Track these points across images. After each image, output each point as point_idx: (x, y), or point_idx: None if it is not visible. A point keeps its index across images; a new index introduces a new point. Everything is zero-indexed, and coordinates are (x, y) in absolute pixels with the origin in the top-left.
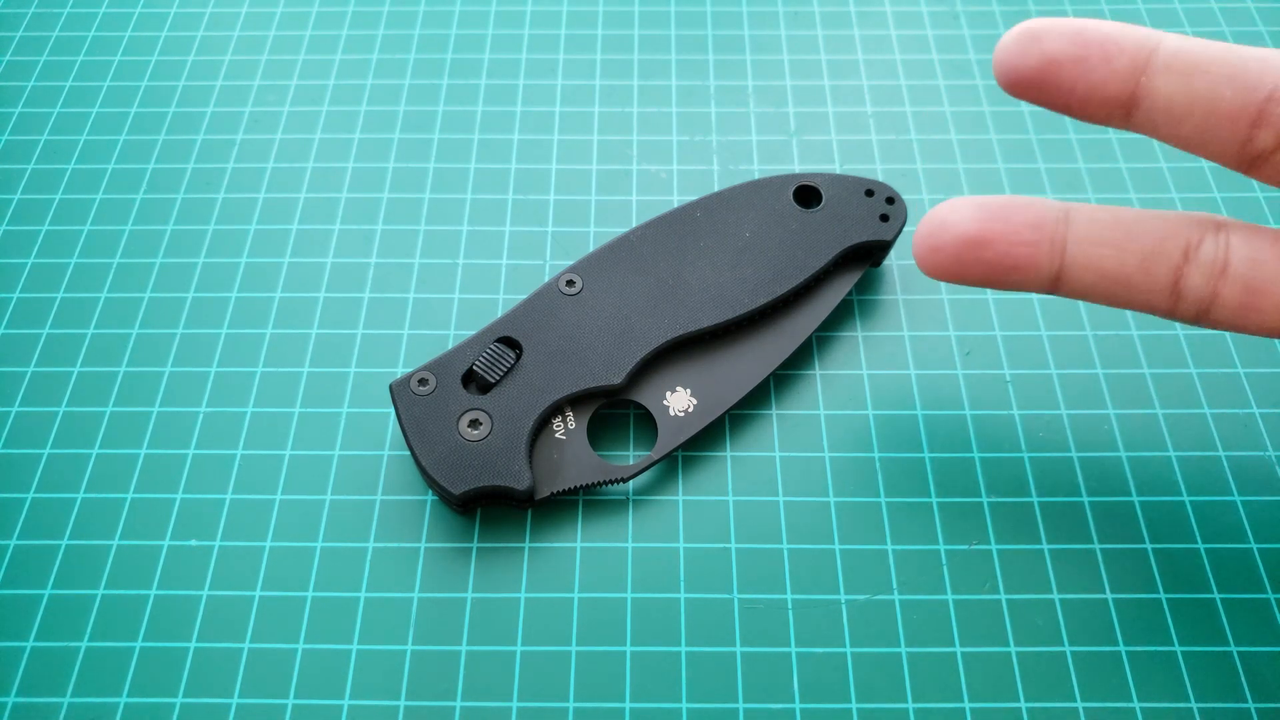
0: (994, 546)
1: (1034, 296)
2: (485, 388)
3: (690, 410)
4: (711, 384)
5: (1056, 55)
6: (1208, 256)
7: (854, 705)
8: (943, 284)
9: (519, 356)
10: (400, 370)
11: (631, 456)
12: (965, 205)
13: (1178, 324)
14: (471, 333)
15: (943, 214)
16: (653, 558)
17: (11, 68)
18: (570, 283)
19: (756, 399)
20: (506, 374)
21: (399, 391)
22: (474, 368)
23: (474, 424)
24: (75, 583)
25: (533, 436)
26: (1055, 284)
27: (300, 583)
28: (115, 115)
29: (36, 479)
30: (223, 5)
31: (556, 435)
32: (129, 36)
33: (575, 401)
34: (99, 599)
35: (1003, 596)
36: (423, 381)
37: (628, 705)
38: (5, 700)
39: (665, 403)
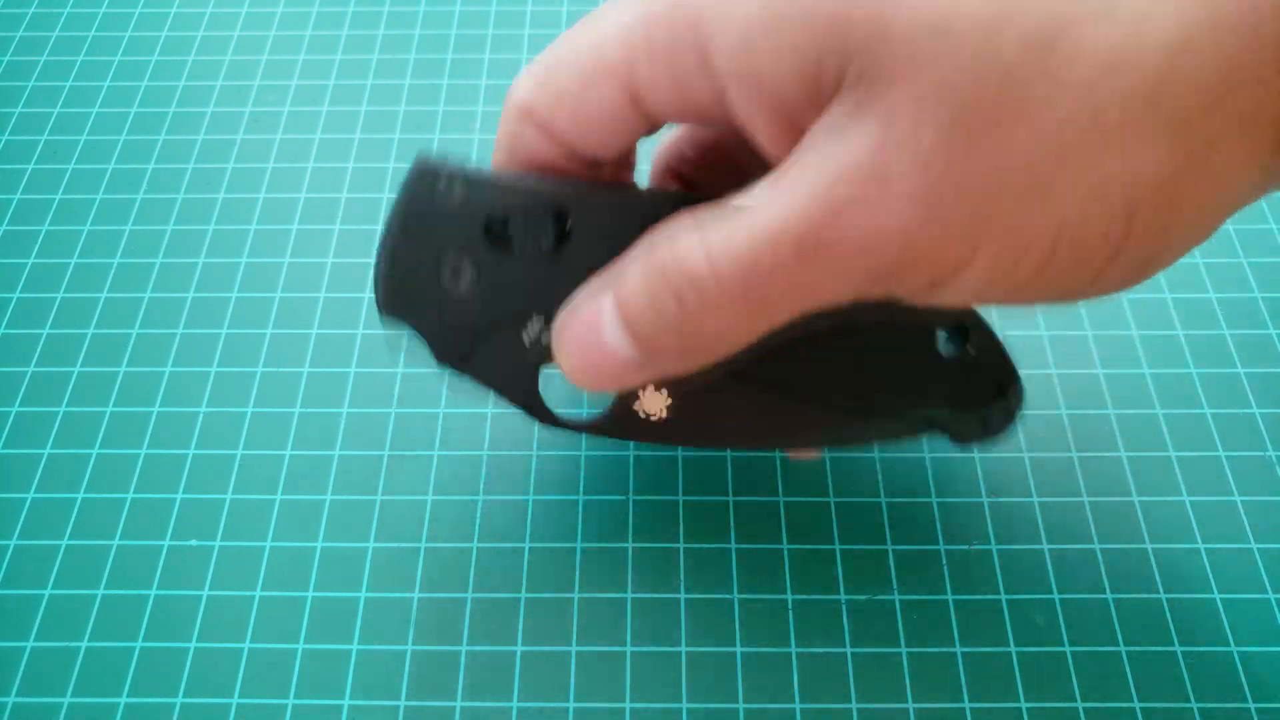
0: (994, 546)
1: None
2: (500, 244)
3: (659, 417)
4: (699, 408)
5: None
6: None
7: (854, 705)
8: None
9: (558, 243)
10: (400, 370)
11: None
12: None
13: (1178, 324)
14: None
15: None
16: (653, 558)
17: (11, 68)
18: None
19: None
20: (530, 251)
21: (422, 174)
22: (505, 220)
23: (456, 273)
24: (75, 583)
25: (496, 328)
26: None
27: (300, 583)
28: (115, 115)
29: (36, 479)
30: (223, 5)
31: (523, 342)
32: (129, 36)
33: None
34: (99, 599)
35: (1003, 596)
36: (450, 184)
37: (628, 705)
38: (5, 700)
39: (638, 398)
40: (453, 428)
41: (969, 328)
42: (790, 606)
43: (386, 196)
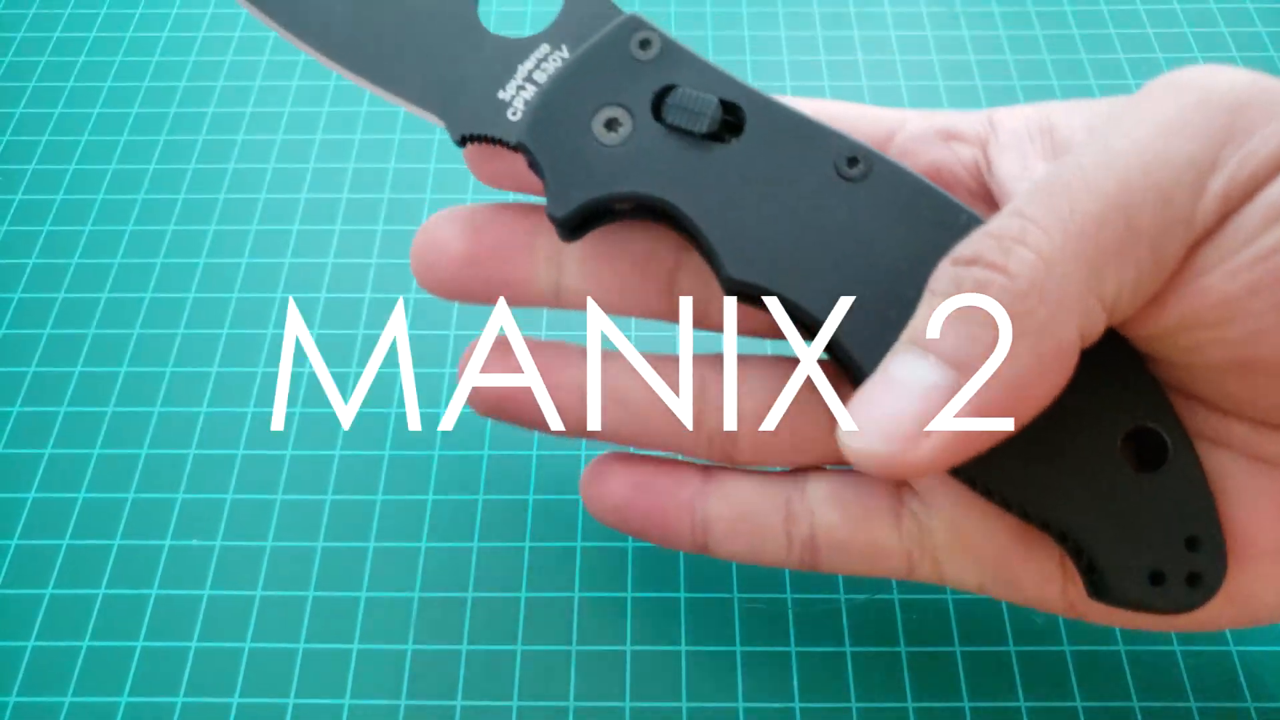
0: None
1: None
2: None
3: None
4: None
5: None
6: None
7: (854, 705)
8: None
9: (717, 134)
10: (399, 370)
11: None
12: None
13: None
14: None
15: (434, 229)
16: (653, 557)
17: (13, 68)
18: (853, 161)
19: None
20: (685, 129)
21: (628, 22)
22: (676, 94)
23: (611, 125)
24: (76, 582)
25: (620, 204)
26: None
27: (301, 583)
28: (116, 116)
29: (38, 479)
30: (224, 6)
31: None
32: (130, 37)
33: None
34: (100, 599)
35: None
36: (648, 40)
37: (628, 705)
38: (6, 700)
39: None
40: (453, 428)
41: (1166, 436)
42: (790, 606)
43: (387, 197)
